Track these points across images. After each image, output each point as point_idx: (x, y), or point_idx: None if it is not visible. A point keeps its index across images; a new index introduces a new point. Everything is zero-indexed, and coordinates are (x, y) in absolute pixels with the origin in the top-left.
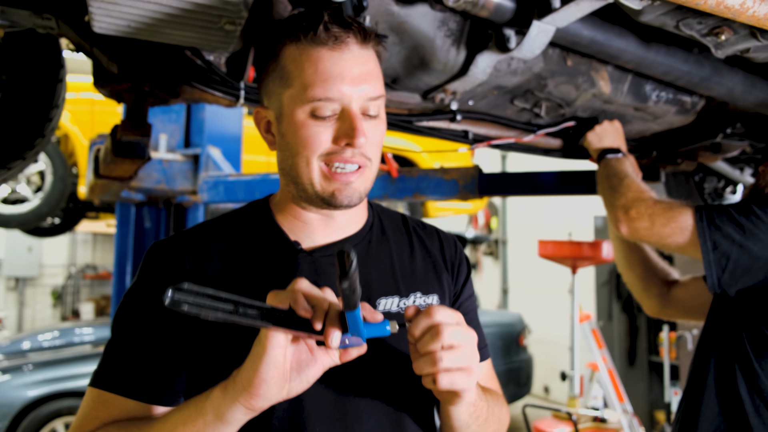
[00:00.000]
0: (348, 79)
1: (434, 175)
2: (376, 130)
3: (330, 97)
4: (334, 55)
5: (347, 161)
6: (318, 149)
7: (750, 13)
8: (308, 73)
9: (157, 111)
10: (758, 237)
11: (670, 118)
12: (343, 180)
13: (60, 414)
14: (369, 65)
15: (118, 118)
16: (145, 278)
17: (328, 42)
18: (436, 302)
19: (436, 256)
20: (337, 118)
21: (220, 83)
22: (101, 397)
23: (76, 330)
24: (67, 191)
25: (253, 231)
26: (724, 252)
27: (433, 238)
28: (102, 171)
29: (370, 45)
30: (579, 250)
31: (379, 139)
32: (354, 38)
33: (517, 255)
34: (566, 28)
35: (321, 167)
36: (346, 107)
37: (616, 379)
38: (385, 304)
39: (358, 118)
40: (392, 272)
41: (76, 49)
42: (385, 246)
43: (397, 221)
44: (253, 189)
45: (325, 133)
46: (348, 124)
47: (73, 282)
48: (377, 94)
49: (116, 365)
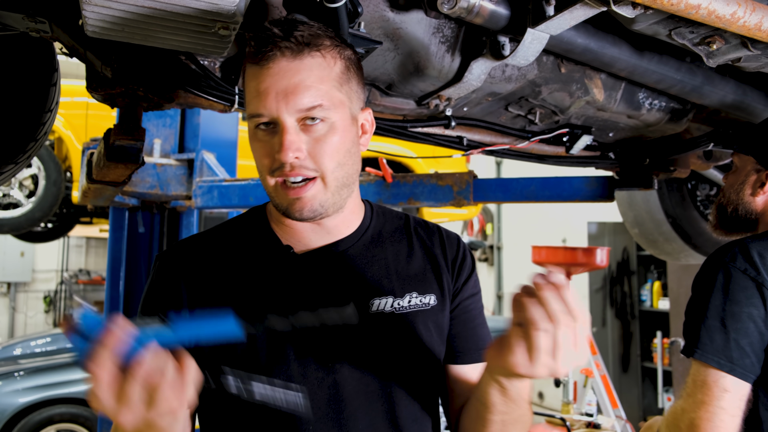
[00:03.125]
0: (272, 94)
1: (429, 180)
2: (325, 139)
3: (260, 113)
4: (261, 72)
5: (288, 175)
6: (266, 166)
7: (741, 23)
8: (248, 90)
9: (152, 115)
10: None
11: (662, 126)
12: (292, 195)
13: (52, 421)
14: (299, 76)
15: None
16: (149, 294)
17: (258, 59)
18: (433, 302)
19: (436, 255)
20: (274, 133)
21: (214, 88)
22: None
23: None
24: (61, 196)
25: (250, 237)
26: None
27: (434, 238)
28: (95, 175)
29: (305, 55)
30: (573, 257)
31: (329, 150)
32: (280, 53)
33: (512, 261)
34: (560, 36)
35: (276, 181)
36: (277, 121)
37: (610, 385)
38: (378, 305)
39: (287, 132)
40: (387, 273)
41: (69, 53)
42: (381, 247)
43: (398, 222)
44: (247, 194)
45: (266, 147)
46: (278, 140)
47: (65, 287)
48: (312, 103)
49: None
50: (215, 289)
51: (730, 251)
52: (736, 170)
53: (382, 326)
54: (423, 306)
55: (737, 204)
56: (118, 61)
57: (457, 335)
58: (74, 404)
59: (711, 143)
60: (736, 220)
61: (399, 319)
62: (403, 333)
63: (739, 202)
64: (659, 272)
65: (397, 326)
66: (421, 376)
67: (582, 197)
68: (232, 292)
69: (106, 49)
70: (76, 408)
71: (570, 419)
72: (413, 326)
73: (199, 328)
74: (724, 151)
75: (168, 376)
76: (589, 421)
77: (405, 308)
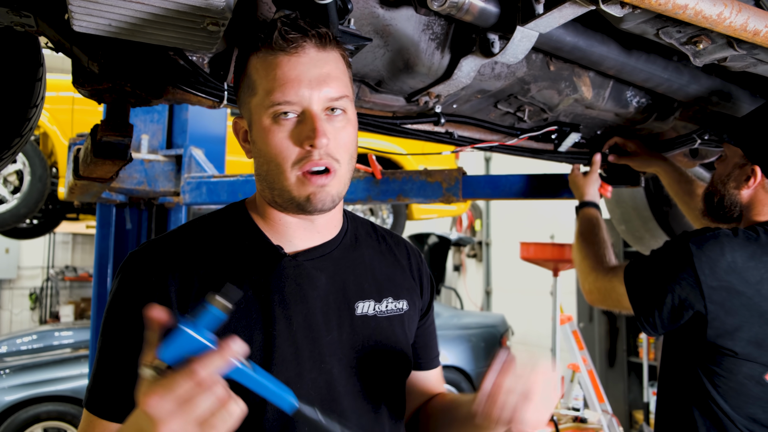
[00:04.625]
0: (305, 81)
1: (418, 177)
2: (343, 131)
3: (289, 101)
4: (291, 60)
5: (317, 163)
6: (288, 157)
7: (727, 24)
8: (268, 79)
9: (139, 111)
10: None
11: (649, 124)
12: (317, 183)
13: (39, 419)
14: (328, 67)
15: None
16: (126, 297)
17: (286, 48)
18: (406, 307)
19: (404, 264)
20: (300, 121)
21: (203, 84)
22: (89, 419)
23: (55, 333)
24: (46, 192)
25: (234, 235)
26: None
27: (400, 247)
28: (82, 172)
29: (328, 48)
30: (561, 253)
31: (347, 141)
32: (310, 42)
33: (501, 257)
34: (549, 34)
35: (296, 174)
36: (306, 109)
37: (597, 379)
38: (362, 308)
39: (318, 119)
40: (367, 277)
41: (55, 47)
42: (360, 251)
43: (368, 228)
44: (236, 190)
45: (289, 137)
46: (309, 126)
47: (51, 284)
48: (339, 94)
49: (100, 388)
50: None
51: (703, 235)
52: (725, 159)
53: (367, 328)
54: (398, 311)
55: (723, 195)
56: (105, 57)
57: (420, 345)
58: (61, 402)
59: (698, 141)
60: (722, 210)
61: (381, 322)
62: (385, 336)
63: (725, 193)
64: None
65: (380, 329)
66: (400, 377)
67: (570, 194)
68: None
69: (92, 44)
70: (62, 406)
71: (557, 414)
72: (393, 329)
73: (262, 382)
74: (710, 149)
75: (234, 410)
76: (576, 415)
77: (384, 312)
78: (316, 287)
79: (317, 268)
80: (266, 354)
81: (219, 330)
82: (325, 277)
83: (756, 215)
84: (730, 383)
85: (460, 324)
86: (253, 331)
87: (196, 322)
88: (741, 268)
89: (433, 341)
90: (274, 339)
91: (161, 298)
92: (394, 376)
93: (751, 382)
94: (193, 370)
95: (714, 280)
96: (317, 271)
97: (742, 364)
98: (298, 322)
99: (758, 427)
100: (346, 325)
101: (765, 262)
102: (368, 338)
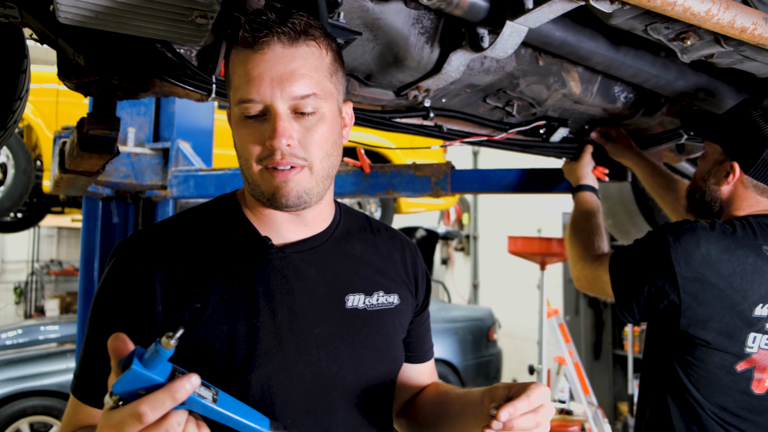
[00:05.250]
0: (267, 79)
1: (407, 171)
2: (314, 130)
3: (251, 99)
4: (255, 57)
5: (278, 163)
6: (253, 153)
7: (714, 21)
8: (237, 75)
9: (125, 103)
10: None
11: (637, 119)
12: (280, 177)
13: (25, 414)
14: (294, 64)
15: (85, 109)
16: (112, 285)
17: (253, 45)
18: (397, 301)
19: (397, 259)
20: (265, 119)
21: (191, 77)
22: (75, 404)
23: (40, 327)
24: (31, 185)
25: (223, 226)
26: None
27: (395, 241)
28: (68, 165)
29: (298, 44)
30: (548, 247)
31: (319, 140)
32: (277, 38)
33: (488, 251)
34: (539, 29)
35: (260, 168)
36: (269, 107)
37: (582, 372)
38: (352, 301)
39: (280, 119)
40: (357, 270)
41: (40, 39)
42: (351, 244)
43: (362, 221)
44: (224, 184)
45: (255, 134)
46: (270, 126)
47: (36, 278)
48: (306, 92)
49: (87, 375)
50: (192, 283)
51: (680, 228)
52: (706, 156)
53: (357, 322)
54: (389, 305)
55: (704, 191)
56: (91, 49)
57: (413, 339)
58: (47, 397)
59: (684, 136)
60: (703, 206)
61: (371, 315)
62: (375, 329)
63: (706, 189)
64: None
65: (370, 322)
66: (390, 371)
67: (558, 189)
68: (211, 287)
69: (78, 36)
70: (48, 400)
71: None
72: (383, 323)
73: (224, 414)
74: (696, 145)
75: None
76: (562, 407)
77: (375, 306)
78: (303, 279)
79: (306, 260)
80: (249, 346)
81: (203, 321)
82: (314, 270)
83: (735, 210)
84: (701, 372)
85: (448, 317)
86: (236, 323)
87: (148, 355)
88: (715, 261)
89: (427, 335)
90: (258, 331)
91: (145, 288)
92: (383, 371)
93: (722, 372)
94: (139, 411)
95: (688, 272)
96: (306, 263)
97: (714, 354)
98: (283, 314)
99: (728, 415)
100: (336, 318)
101: (739, 256)
102: (358, 331)
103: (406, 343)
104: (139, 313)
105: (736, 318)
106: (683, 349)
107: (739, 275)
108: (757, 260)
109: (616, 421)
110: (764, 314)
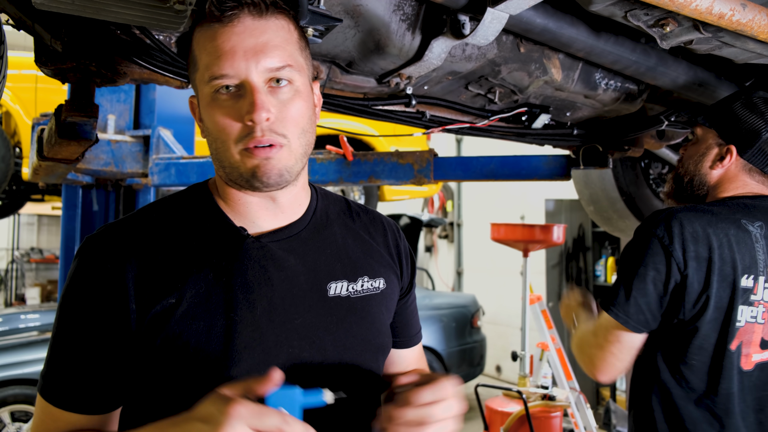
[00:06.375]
0: (241, 52)
1: (389, 159)
2: (291, 104)
3: (225, 74)
4: (225, 31)
5: (259, 141)
6: (231, 133)
7: (693, 7)
8: (206, 52)
9: (105, 90)
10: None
11: (618, 106)
12: (261, 155)
13: (6, 402)
14: (266, 36)
15: (64, 96)
16: (81, 284)
17: (221, 19)
18: (383, 286)
19: (379, 242)
20: (240, 95)
21: (171, 63)
22: (48, 409)
23: (21, 316)
24: (10, 172)
25: (196, 218)
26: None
27: (376, 224)
28: (46, 153)
29: (268, 15)
30: (531, 234)
31: (295, 115)
32: (246, 10)
33: (472, 238)
34: (519, 16)
35: (240, 148)
36: (244, 81)
37: (565, 357)
38: (335, 288)
39: (258, 91)
40: (339, 256)
41: (16, 25)
42: (331, 230)
43: (342, 205)
44: (206, 172)
45: (231, 112)
46: (248, 100)
47: (17, 266)
48: (281, 63)
49: (57, 377)
50: (165, 278)
51: (657, 218)
52: (697, 141)
53: (341, 310)
54: (374, 290)
55: (693, 175)
56: (68, 35)
57: (400, 323)
58: (28, 385)
59: (666, 122)
60: (690, 191)
61: (355, 302)
62: (360, 316)
63: (696, 173)
64: (613, 248)
65: (355, 311)
66: (377, 358)
67: (540, 176)
68: (185, 281)
69: (55, 21)
70: (30, 389)
71: (526, 392)
72: (369, 309)
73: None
74: (676, 131)
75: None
76: (545, 393)
77: (359, 292)
78: (282, 269)
79: (284, 249)
80: (227, 341)
81: (178, 317)
82: (294, 259)
83: (720, 193)
84: (696, 361)
85: (432, 304)
86: (213, 318)
87: None
88: (702, 236)
89: (414, 318)
90: (236, 325)
91: (118, 286)
92: (369, 358)
93: (718, 355)
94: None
95: (683, 252)
96: (284, 252)
97: (709, 336)
98: (263, 306)
99: (721, 399)
100: (318, 307)
101: (722, 228)
102: (342, 320)
103: (392, 327)
104: (112, 313)
105: (728, 289)
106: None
107: (726, 246)
108: (738, 232)
109: (598, 406)
110: (749, 285)
